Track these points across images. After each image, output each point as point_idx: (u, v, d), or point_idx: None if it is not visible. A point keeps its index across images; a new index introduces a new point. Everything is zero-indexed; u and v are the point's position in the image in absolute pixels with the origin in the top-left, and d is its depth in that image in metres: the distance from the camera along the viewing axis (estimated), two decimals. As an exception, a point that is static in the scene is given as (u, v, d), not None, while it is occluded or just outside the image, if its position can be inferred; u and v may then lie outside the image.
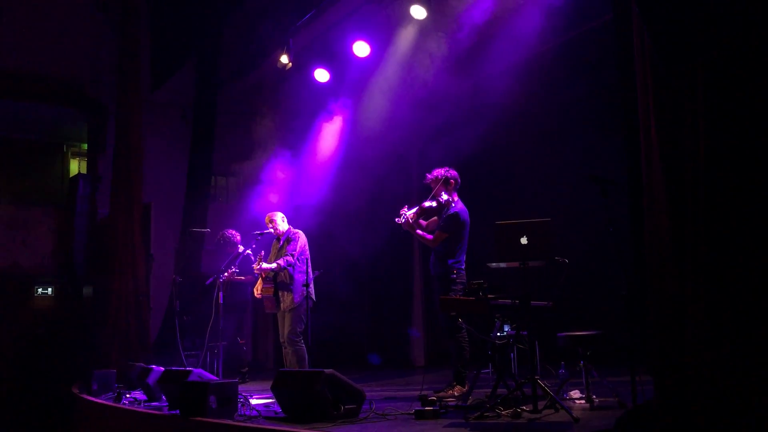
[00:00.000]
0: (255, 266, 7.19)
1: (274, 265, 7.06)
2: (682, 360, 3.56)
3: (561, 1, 7.74)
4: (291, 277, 7.08)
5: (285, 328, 7.11)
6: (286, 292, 7.11)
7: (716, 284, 3.41)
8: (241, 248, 8.64)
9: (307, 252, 7.27)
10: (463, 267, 6.55)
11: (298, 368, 6.85)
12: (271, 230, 7.56)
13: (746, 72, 3.47)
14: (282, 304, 7.13)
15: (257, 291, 7.40)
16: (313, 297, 7.13)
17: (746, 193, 3.40)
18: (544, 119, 8.96)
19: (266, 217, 7.55)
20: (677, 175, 3.69)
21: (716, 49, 3.55)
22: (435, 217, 6.80)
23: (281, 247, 7.30)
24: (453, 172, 6.68)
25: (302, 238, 7.31)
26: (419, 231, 6.67)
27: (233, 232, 8.91)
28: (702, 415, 3.37)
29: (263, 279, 7.23)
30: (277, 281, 7.16)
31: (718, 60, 3.54)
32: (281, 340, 7.27)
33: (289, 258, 7.07)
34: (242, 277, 8.44)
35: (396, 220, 6.63)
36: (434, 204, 6.54)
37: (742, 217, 3.39)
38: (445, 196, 6.53)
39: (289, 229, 7.44)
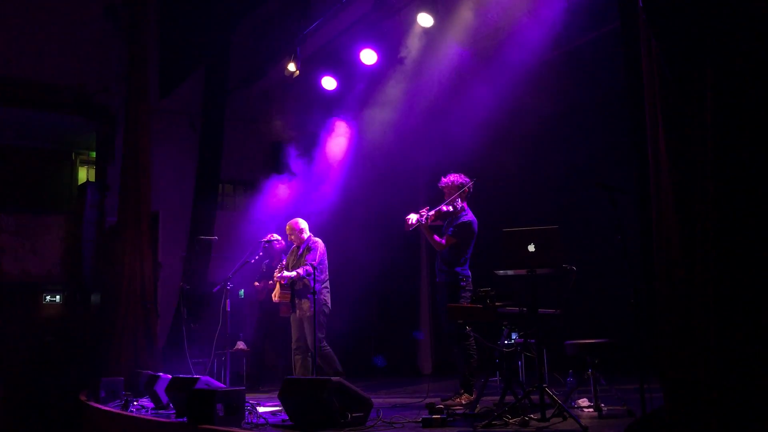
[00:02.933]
0: (276, 274, 7.25)
1: (293, 274, 7.14)
2: (692, 368, 3.54)
3: (568, 9, 7.76)
4: (308, 285, 7.14)
5: (307, 336, 7.19)
6: (303, 300, 7.19)
7: (726, 291, 3.39)
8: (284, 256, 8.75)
9: (326, 261, 7.35)
10: (469, 274, 6.56)
11: (330, 369, 6.98)
12: (274, 242, 7.61)
13: (755, 77, 3.46)
14: (299, 312, 7.21)
15: (275, 296, 7.52)
16: (329, 305, 7.21)
17: (757, 200, 3.38)
18: (552, 126, 8.95)
19: (288, 226, 7.57)
20: (686, 182, 3.68)
21: (725, 55, 3.54)
22: (440, 220, 6.76)
23: (301, 256, 7.35)
24: (467, 179, 6.68)
25: (321, 248, 7.40)
26: (434, 235, 6.65)
27: (277, 238, 8.62)
28: (712, 424, 3.35)
29: (281, 285, 7.33)
30: (295, 289, 7.25)
31: (727, 65, 3.53)
32: (293, 347, 7.32)
33: (309, 268, 7.10)
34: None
35: (420, 219, 6.49)
36: (451, 209, 6.55)
37: (752, 223, 3.38)
38: (460, 203, 6.55)
39: (309, 237, 7.49)
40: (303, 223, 7.56)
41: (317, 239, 7.46)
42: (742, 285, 3.36)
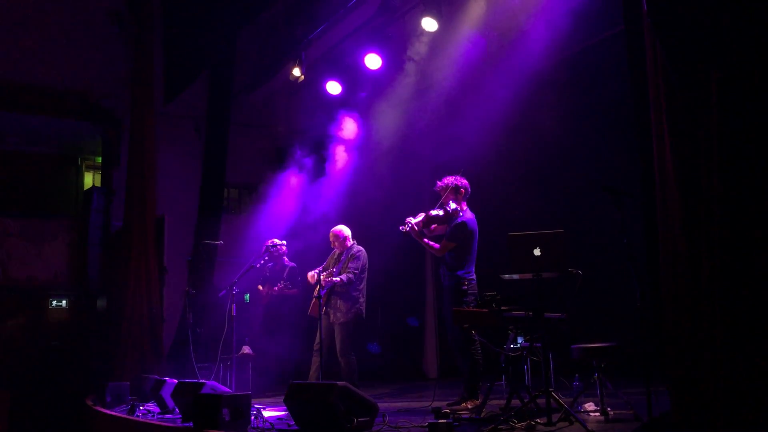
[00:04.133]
0: (324, 276, 7.26)
1: (337, 279, 7.18)
2: (698, 372, 3.53)
3: (573, 12, 7.76)
4: (347, 292, 7.19)
5: (337, 342, 7.20)
6: (339, 305, 7.21)
7: (732, 294, 3.39)
8: (285, 260, 8.78)
9: (366, 271, 7.40)
10: (473, 277, 6.52)
11: (349, 381, 6.89)
12: (279, 246, 7.66)
13: (760, 81, 3.45)
14: (332, 316, 7.23)
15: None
16: (363, 314, 7.25)
17: (763, 202, 3.37)
18: (558, 130, 8.95)
19: (331, 233, 7.61)
20: (691, 185, 3.68)
21: (729, 57, 3.54)
22: (435, 225, 6.74)
23: (344, 263, 7.37)
24: (463, 181, 6.64)
25: (365, 257, 7.46)
26: (426, 240, 6.62)
27: (280, 242, 8.76)
28: (719, 428, 3.34)
29: (321, 287, 7.32)
30: (332, 292, 7.27)
31: (732, 69, 3.53)
32: (315, 347, 7.32)
33: (351, 276, 7.20)
34: (291, 291, 8.59)
35: (400, 228, 6.59)
36: (441, 212, 6.50)
37: (757, 227, 3.37)
38: (453, 205, 6.50)
39: (353, 245, 7.54)
40: (347, 231, 7.61)
41: (361, 248, 7.50)
42: (749, 288, 3.36)
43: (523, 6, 8.13)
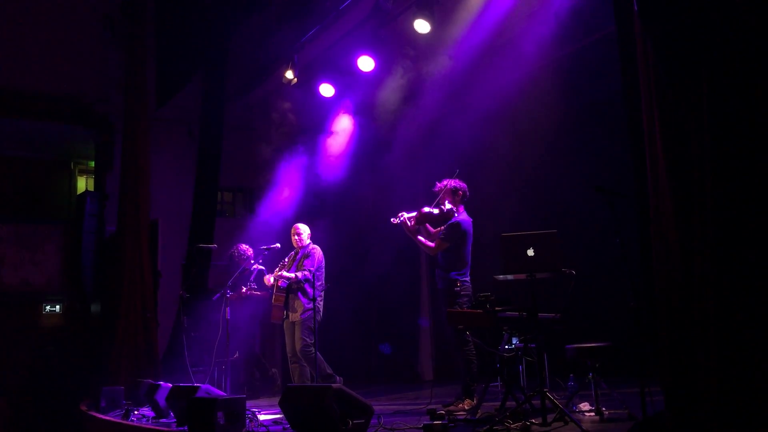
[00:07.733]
0: (276, 273, 7.36)
1: (293, 276, 7.23)
2: (692, 371, 3.54)
3: (565, 14, 7.79)
4: (304, 290, 7.22)
5: (296, 342, 7.23)
6: (296, 302, 7.26)
7: (725, 294, 3.40)
8: (255, 264, 8.78)
9: (323, 269, 7.43)
10: (467, 279, 6.53)
11: (318, 374, 7.00)
12: (275, 246, 7.74)
13: (750, 80, 3.47)
14: (291, 315, 7.26)
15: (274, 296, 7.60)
16: (321, 313, 7.27)
17: (753, 202, 3.39)
18: (550, 131, 8.96)
19: (292, 229, 7.74)
20: (683, 185, 3.69)
21: (719, 56, 3.55)
22: (430, 223, 6.78)
23: (299, 261, 7.43)
24: (462, 184, 6.72)
25: (319, 255, 7.53)
26: (420, 237, 6.67)
27: (246, 247, 9.02)
28: (713, 427, 3.34)
29: (277, 287, 7.40)
30: (290, 292, 7.31)
31: (722, 69, 3.54)
32: (289, 355, 7.36)
33: (307, 273, 7.22)
34: (258, 293, 8.60)
35: (392, 219, 6.65)
36: (435, 211, 6.54)
37: (749, 225, 3.38)
38: (448, 205, 6.53)
39: (309, 244, 7.59)
40: (304, 228, 7.72)
41: (316, 246, 7.60)
42: (742, 287, 3.36)
43: (515, 7, 8.15)
